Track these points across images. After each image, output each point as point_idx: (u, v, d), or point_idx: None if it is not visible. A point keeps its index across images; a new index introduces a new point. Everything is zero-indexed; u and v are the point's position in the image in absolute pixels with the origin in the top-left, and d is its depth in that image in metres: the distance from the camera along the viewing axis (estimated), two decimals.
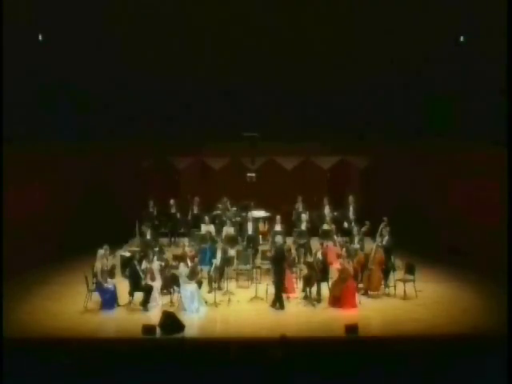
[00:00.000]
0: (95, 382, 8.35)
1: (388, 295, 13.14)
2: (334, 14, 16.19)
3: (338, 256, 13.54)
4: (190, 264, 12.66)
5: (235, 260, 14.09)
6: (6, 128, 13.79)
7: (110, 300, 12.47)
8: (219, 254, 13.64)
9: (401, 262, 14.15)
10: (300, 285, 13.38)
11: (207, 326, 11.69)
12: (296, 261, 13.99)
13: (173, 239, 16.25)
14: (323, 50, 16.75)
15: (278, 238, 13.03)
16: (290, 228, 15.50)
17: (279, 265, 12.60)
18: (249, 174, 17.03)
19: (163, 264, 13.30)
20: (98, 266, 12.59)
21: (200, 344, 10.22)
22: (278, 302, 12.40)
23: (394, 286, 13.13)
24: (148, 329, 10.56)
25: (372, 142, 17.72)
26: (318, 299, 12.74)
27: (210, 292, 13.07)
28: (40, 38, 16.00)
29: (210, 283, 13.45)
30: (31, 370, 8.41)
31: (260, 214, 15.92)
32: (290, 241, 14.92)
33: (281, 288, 12.51)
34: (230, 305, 12.67)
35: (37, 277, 14.54)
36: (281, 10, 16.27)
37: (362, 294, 12.93)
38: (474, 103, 15.38)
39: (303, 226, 15.27)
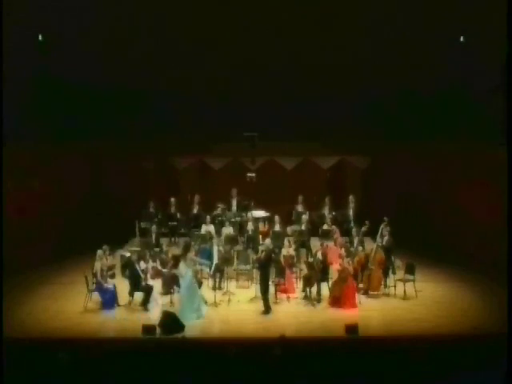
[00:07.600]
0: (95, 382, 8.35)
1: (388, 295, 13.15)
2: (334, 13, 16.18)
3: (339, 256, 13.55)
4: None
5: (235, 260, 14.10)
6: (6, 128, 13.77)
7: (109, 300, 12.48)
8: (215, 254, 13.66)
9: (401, 262, 14.15)
10: (300, 285, 13.39)
11: (207, 326, 11.68)
12: (296, 261, 13.99)
13: (173, 239, 16.25)
14: (324, 50, 16.73)
15: (267, 242, 12.83)
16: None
17: (266, 268, 12.36)
18: (249, 174, 16.99)
19: (164, 257, 13.34)
20: (98, 266, 12.61)
21: (200, 344, 10.23)
22: (263, 306, 12.14)
23: (394, 286, 13.15)
24: (148, 329, 10.56)
25: (372, 142, 17.70)
26: (318, 299, 12.75)
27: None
28: (40, 38, 15.99)
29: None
30: (31, 369, 8.41)
31: (260, 213, 15.90)
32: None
33: (266, 291, 12.21)
34: (230, 305, 12.68)
35: (37, 277, 14.55)
36: (282, 10, 16.26)
37: (362, 294, 12.95)
38: (473, 103, 15.37)
39: (303, 226, 15.27)
